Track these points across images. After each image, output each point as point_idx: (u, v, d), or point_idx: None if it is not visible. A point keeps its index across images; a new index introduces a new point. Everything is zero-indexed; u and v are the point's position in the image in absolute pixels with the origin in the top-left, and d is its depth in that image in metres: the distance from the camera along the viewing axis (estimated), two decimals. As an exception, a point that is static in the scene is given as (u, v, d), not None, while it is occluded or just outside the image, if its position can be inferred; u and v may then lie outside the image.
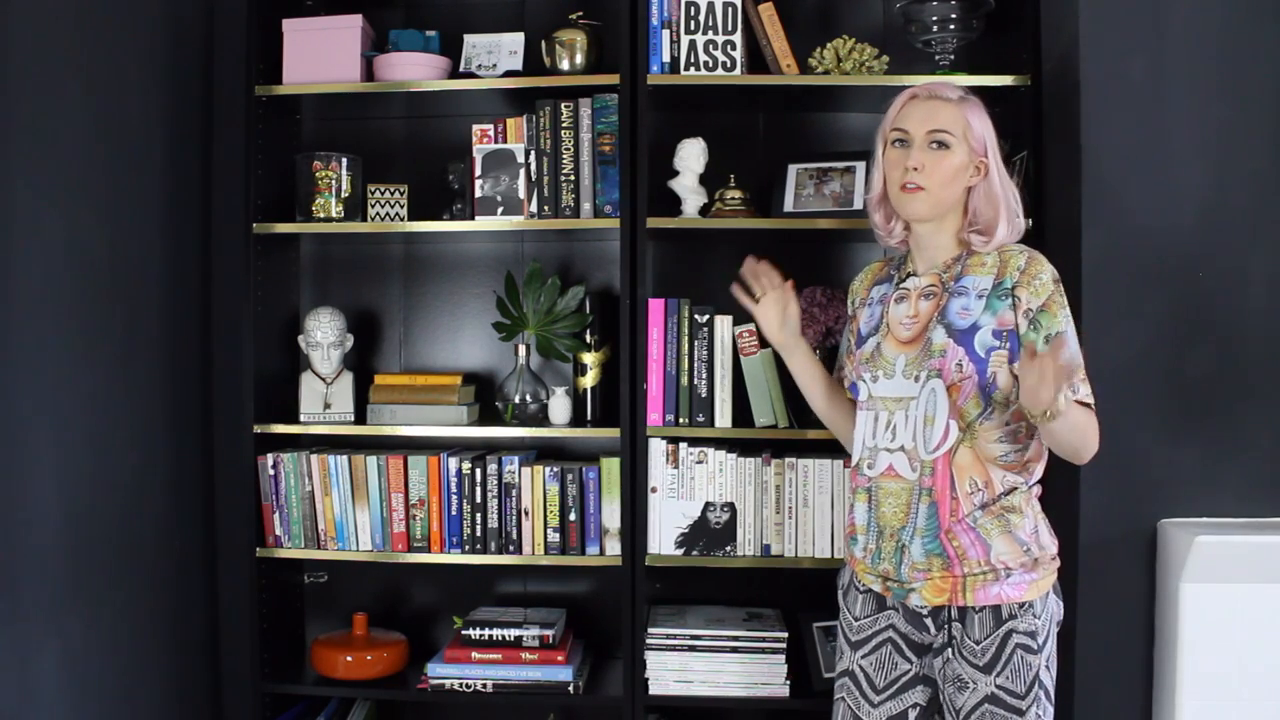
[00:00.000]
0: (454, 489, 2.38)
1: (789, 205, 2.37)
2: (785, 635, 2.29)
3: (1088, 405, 1.69)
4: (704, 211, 2.38)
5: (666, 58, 2.28)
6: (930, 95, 1.76)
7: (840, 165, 2.37)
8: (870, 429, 1.80)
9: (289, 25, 2.40)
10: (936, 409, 1.70)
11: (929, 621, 1.74)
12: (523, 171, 2.38)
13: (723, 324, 2.31)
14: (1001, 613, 1.68)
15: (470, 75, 2.42)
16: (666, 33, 2.28)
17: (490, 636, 2.35)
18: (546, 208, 2.37)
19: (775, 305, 1.92)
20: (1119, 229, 2.40)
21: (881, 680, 1.78)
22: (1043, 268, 1.71)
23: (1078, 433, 1.65)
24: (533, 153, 2.38)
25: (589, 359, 2.46)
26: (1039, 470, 1.76)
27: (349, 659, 2.38)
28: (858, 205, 2.31)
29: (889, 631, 1.78)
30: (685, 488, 2.31)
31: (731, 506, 2.31)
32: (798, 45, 2.30)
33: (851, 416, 1.90)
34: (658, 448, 2.30)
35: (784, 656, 2.27)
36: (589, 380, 2.46)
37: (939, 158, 1.72)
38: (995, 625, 1.68)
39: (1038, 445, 1.74)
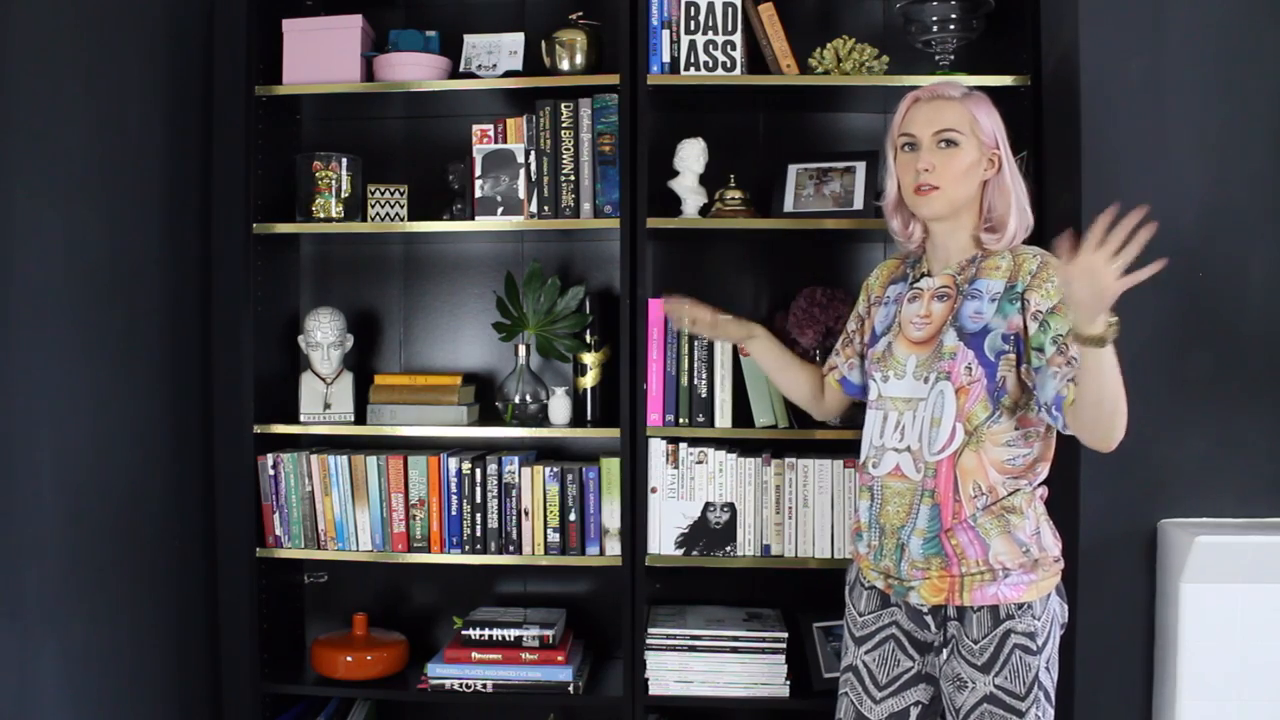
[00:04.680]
0: (454, 489, 2.38)
1: (789, 205, 2.37)
2: (785, 635, 2.29)
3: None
4: (704, 211, 2.38)
5: (666, 58, 2.28)
6: (933, 96, 1.76)
7: (840, 165, 2.37)
8: (879, 428, 1.80)
9: (289, 25, 2.40)
10: (943, 411, 1.70)
11: (929, 619, 1.74)
12: (523, 171, 2.37)
13: (723, 324, 2.30)
14: (999, 613, 1.68)
15: (470, 75, 2.42)
16: (666, 33, 2.28)
17: (490, 636, 2.35)
18: (546, 208, 2.36)
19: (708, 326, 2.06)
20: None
21: (884, 676, 1.78)
22: (1055, 271, 1.70)
23: (1118, 380, 1.55)
24: (533, 153, 2.38)
25: (589, 359, 2.46)
26: (1044, 472, 1.76)
27: (349, 659, 2.38)
28: (858, 205, 2.30)
29: (892, 628, 1.78)
30: (685, 488, 2.31)
31: (731, 507, 2.31)
32: (798, 45, 2.30)
33: (809, 384, 2.04)
34: (658, 448, 2.30)
35: (784, 657, 2.27)
36: (589, 380, 2.46)
37: (949, 156, 1.73)
38: (993, 625, 1.68)
39: (1043, 447, 1.74)
